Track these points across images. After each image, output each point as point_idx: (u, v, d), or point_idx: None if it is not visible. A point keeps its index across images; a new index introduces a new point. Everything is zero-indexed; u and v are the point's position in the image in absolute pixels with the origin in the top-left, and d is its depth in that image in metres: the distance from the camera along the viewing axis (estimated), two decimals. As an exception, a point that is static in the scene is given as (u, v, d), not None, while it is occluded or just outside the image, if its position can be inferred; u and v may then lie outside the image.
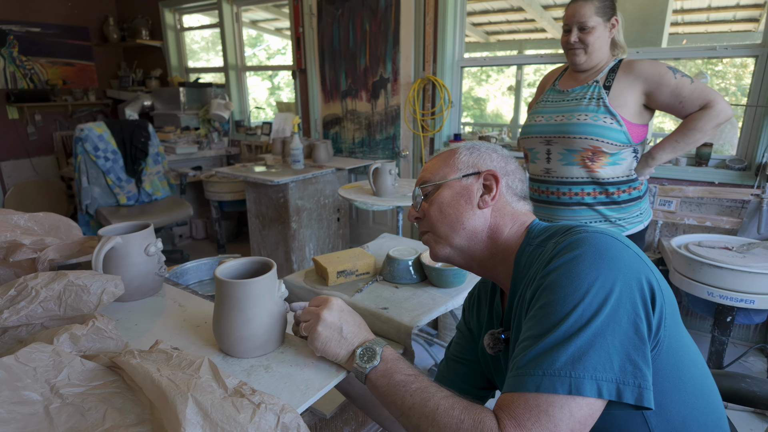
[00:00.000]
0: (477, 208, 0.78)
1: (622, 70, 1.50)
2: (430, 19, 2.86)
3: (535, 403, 0.55)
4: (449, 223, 0.79)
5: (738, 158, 2.24)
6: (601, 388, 0.55)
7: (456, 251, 0.81)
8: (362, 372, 0.68)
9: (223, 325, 0.72)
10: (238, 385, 0.61)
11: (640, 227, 1.57)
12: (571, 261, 0.61)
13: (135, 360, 0.62)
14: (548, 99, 1.61)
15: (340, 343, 0.71)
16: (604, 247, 0.61)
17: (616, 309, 0.57)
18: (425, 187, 0.83)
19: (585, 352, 0.55)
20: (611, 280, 0.58)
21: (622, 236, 0.65)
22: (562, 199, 1.55)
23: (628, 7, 2.88)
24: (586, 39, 1.47)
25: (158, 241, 0.94)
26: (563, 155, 1.53)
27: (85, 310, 0.78)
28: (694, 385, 0.64)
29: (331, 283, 1.44)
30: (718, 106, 1.41)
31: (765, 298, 1.79)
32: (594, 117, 1.46)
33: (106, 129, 3.17)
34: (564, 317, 0.58)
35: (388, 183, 2.03)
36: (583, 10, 1.45)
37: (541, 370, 0.56)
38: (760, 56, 2.11)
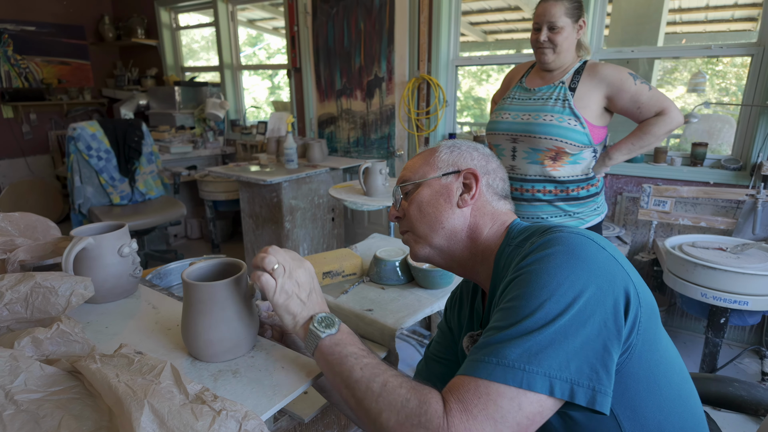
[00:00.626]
0: (456, 207, 0.77)
1: (586, 73, 1.54)
2: (424, 18, 2.84)
3: (485, 391, 0.54)
4: (428, 222, 0.78)
5: (733, 158, 2.22)
6: (554, 386, 0.53)
7: (436, 251, 0.79)
8: (318, 336, 0.65)
9: (191, 329, 0.70)
10: (200, 391, 0.59)
11: (597, 219, 1.64)
12: (544, 258, 0.60)
13: (95, 365, 0.60)
14: (515, 96, 1.65)
15: (303, 305, 0.68)
16: (578, 247, 0.60)
17: (583, 310, 0.56)
18: (405, 186, 0.81)
19: (543, 349, 0.54)
20: (582, 281, 0.57)
21: (601, 238, 0.64)
22: (525, 195, 1.61)
23: (623, 6, 2.86)
24: (555, 39, 1.51)
25: (133, 242, 0.93)
26: (528, 153, 1.58)
27: (53, 312, 0.77)
28: (670, 390, 0.63)
29: (317, 284, 1.42)
30: (671, 114, 1.49)
31: (759, 299, 1.77)
32: (559, 118, 1.51)
33: (99, 128, 3.15)
34: (530, 313, 0.57)
35: (378, 183, 2.02)
36: (553, 10, 1.49)
37: (495, 359, 0.55)
38: (756, 55, 2.09)
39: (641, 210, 2.31)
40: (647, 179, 2.36)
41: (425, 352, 0.97)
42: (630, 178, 2.42)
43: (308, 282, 0.69)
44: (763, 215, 2.06)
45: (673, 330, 2.48)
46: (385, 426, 0.57)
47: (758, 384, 0.96)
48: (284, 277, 0.67)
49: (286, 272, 0.67)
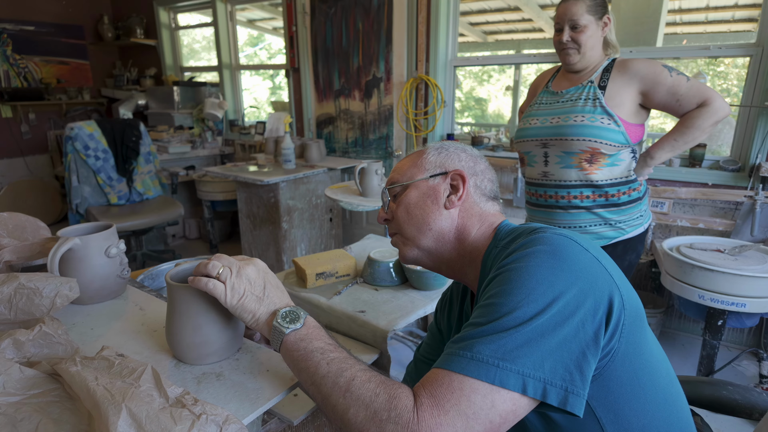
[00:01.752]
0: (444, 208, 0.76)
1: (616, 70, 1.46)
2: (422, 18, 2.83)
3: (458, 386, 0.53)
4: (416, 224, 0.77)
5: (732, 159, 2.20)
6: (527, 385, 0.53)
7: (424, 253, 0.79)
8: (282, 332, 0.63)
9: (174, 331, 0.69)
10: (180, 394, 0.58)
11: (641, 230, 1.53)
12: (525, 257, 0.59)
13: (75, 368, 0.60)
14: (542, 101, 1.57)
15: (260, 301, 0.66)
16: (560, 248, 0.59)
17: (562, 311, 0.55)
18: (393, 188, 0.81)
19: (518, 347, 0.54)
20: (562, 282, 0.56)
21: (585, 240, 0.63)
22: (561, 203, 1.52)
23: (622, 6, 2.85)
24: (578, 38, 1.44)
25: (121, 243, 0.92)
26: (561, 158, 1.49)
27: (38, 313, 0.76)
28: (655, 394, 0.62)
29: (310, 285, 1.41)
30: (715, 104, 1.38)
31: (756, 301, 1.76)
32: (591, 118, 1.43)
33: (96, 128, 3.14)
34: (508, 310, 0.56)
35: (374, 183, 2.01)
36: (575, 8, 1.42)
37: (470, 353, 0.55)
38: (755, 56, 2.08)
39: (639, 211, 2.29)
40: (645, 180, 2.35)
41: (415, 353, 0.96)
42: (628, 179, 2.40)
43: (261, 277, 0.68)
44: (761, 217, 2.05)
45: (670, 332, 2.47)
46: (353, 422, 0.55)
47: (752, 388, 0.95)
48: (232, 278, 0.65)
49: (233, 273, 0.65)
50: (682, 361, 2.23)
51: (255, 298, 0.66)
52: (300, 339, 0.63)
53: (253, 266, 0.68)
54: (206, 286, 0.64)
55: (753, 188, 2.08)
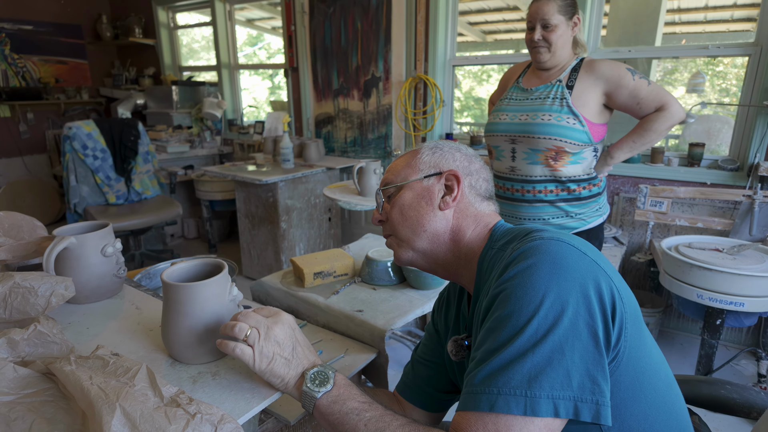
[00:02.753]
0: (438, 209, 0.75)
1: (584, 70, 1.51)
2: (421, 18, 2.83)
3: (493, 426, 0.53)
4: (410, 225, 0.76)
5: (730, 159, 2.20)
6: (558, 407, 0.52)
7: (419, 254, 0.78)
8: (313, 396, 0.63)
9: (170, 331, 0.69)
10: (175, 393, 0.58)
11: (600, 220, 1.61)
12: (526, 271, 0.58)
13: (69, 367, 0.59)
14: (512, 97, 1.62)
15: (289, 364, 0.64)
16: (559, 256, 0.58)
17: (575, 321, 0.54)
18: (387, 189, 0.80)
19: (542, 370, 0.53)
20: (567, 291, 0.55)
21: (580, 241, 0.62)
22: (526, 197, 1.58)
23: (621, 6, 2.85)
24: (549, 37, 1.48)
25: (117, 242, 0.91)
26: (528, 154, 1.55)
27: (33, 313, 0.76)
28: (655, 397, 0.61)
29: (308, 285, 1.41)
30: (672, 108, 1.45)
31: (755, 300, 1.75)
32: (558, 117, 1.48)
33: (95, 127, 3.14)
34: (519, 331, 0.55)
35: (372, 183, 2.01)
36: (546, 8, 1.47)
37: (496, 389, 0.54)
38: (753, 55, 2.08)
39: (638, 211, 2.30)
40: (644, 180, 2.35)
41: (412, 354, 0.96)
42: (627, 178, 2.40)
43: (289, 337, 0.66)
44: (760, 216, 2.05)
45: (669, 331, 2.47)
46: None
47: (750, 387, 0.95)
48: (261, 341, 0.63)
49: (261, 335, 0.64)
50: (681, 361, 2.23)
51: (284, 361, 0.64)
52: (333, 402, 0.63)
53: (282, 324, 0.66)
54: (233, 351, 0.63)
55: (751, 187, 2.08)
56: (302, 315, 1.38)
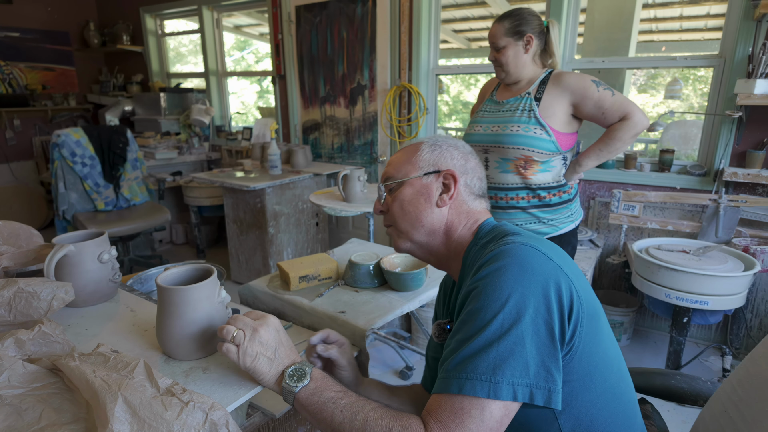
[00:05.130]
0: (435, 206, 0.82)
1: (551, 82, 1.61)
2: (405, 28, 2.92)
3: (459, 406, 0.60)
4: (409, 220, 0.83)
5: (698, 164, 2.32)
6: (516, 392, 0.60)
7: (416, 245, 0.85)
8: (292, 391, 0.69)
9: (164, 330, 0.76)
10: (170, 385, 0.64)
11: (572, 226, 1.69)
12: (496, 272, 0.65)
13: (74, 362, 0.66)
14: (486, 109, 1.72)
15: (271, 363, 0.70)
16: (525, 259, 0.65)
17: (535, 318, 0.62)
18: (389, 184, 0.85)
19: (505, 359, 0.61)
20: (530, 291, 0.63)
21: (549, 245, 0.70)
22: (500, 204, 1.67)
23: (596, 17, 2.97)
24: (499, 58, 1.60)
25: (112, 249, 0.98)
26: (499, 163, 1.64)
27: (35, 315, 0.82)
28: (604, 388, 0.69)
29: (293, 288, 1.48)
30: (635, 117, 1.54)
31: (718, 299, 1.86)
32: (525, 128, 1.57)
33: (83, 135, 3.17)
34: (486, 324, 0.63)
35: (357, 189, 2.08)
36: (494, 31, 1.58)
37: (464, 374, 0.61)
38: (717, 67, 2.20)
39: (612, 214, 2.40)
40: (618, 185, 2.46)
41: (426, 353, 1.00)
42: (602, 183, 2.51)
43: (274, 338, 0.72)
44: (725, 219, 2.16)
45: (643, 330, 2.57)
46: None
47: (698, 377, 1.04)
48: (246, 341, 0.70)
49: (246, 336, 0.70)
50: (654, 357, 2.33)
51: (267, 360, 0.70)
52: (311, 393, 0.69)
53: (267, 327, 0.72)
54: (221, 349, 0.70)
55: (717, 192, 2.20)
56: (288, 317, 1.44)
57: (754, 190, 2.15)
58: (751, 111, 2.10)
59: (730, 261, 1.97)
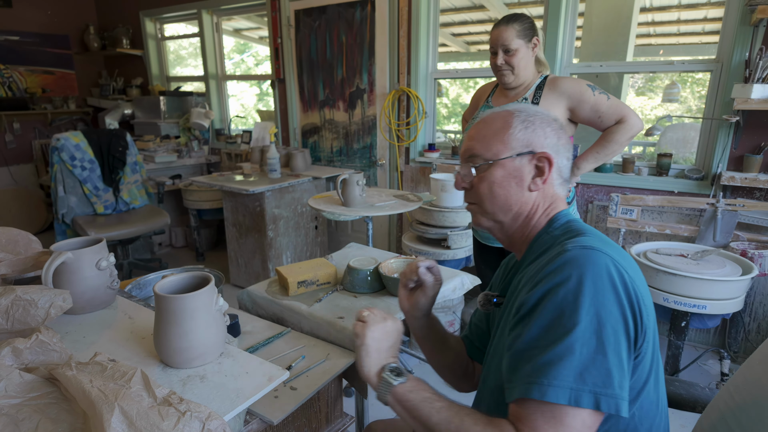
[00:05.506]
0: (527, 190, 0.78)
1: (548, 87, 1.62)
2: (403, 33, 2.92)
3: (550, 414, 0.61)
4: (498, 203, 0.79)
5: (696, 168, 2.32)
6: (599, 401, 0.60)
7: (498, 225, 0.83)
8: (390, 383, 0.73)
9: (162, 338, 0.76)
10: (167, 394, 0.65)
11: None
12: (574, 279, 0.64)
13: (71, 372, 0.66)
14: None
15: (379, 354, 0.77)
16: (604, 269, 0.64)
17: (616, 329, 0.62)
18: (475, 161, 0.81)
19: (586, 368, 0.61)
20: (610, 301, 0.63)
21: (621, 253, 0.68)
22: None
23: (594, 21, 2.98)
24: (511, 61, 1.60)
25: (110, 256, 0.98)
26: None
27: (33, 323, 0.82)
28: (650, 400, 0.71)
29: (292, 293, 1.48)
30: (630, 121, 1.56)
31: (716, 303, 1.87)
32: None
33: (83, 139, 3.18)
34: (567, 331, 0.62)
35: (355, 193, 2.08)
36: (506, 34, 1.57)
37: (546, 380, 0.61)
38: (714, 71, 2.21)
39: (610, 218, 2.41)
40: (616, 188, 2.46)
41: (471, 319, 1.03)
42: (600, 187, 2.52)
43: (393, 336, 0.80)
44: (722, 223, 2.17)
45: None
46: None
47: (696, 384, 1.04)
48: (373, 323, 0.79)
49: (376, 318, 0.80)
50: (653, 361, 2.33)
51: (376, 350, 0.77)
52: (408, 391, 0.72)
53: (394, 322, 0.81)
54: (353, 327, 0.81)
55: (714, 196, 2.20)
56: (287, 322, 1.44)
57: (752, 194, 2.15)
58: (749, 115, 2.10)
59: (728, 265, 1.97)
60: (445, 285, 1.57)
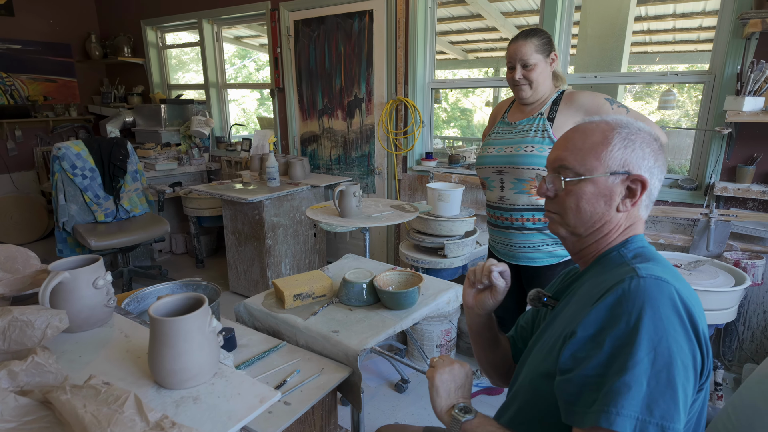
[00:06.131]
0: (615, 210, 0.77)
1: (564, 102, 1.60)
2: (401, 43, 2.95)
3: None
4: (582, 218, 0.78)
5: (689, 178, 2.34)
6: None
7: (574, 237, 0.82)
8: (459, 420, 0.79)
9: (156, 359, 0.78)
10: (159, 418, 0.66)
11: None
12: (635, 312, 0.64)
13: (65, 396, 0.68)
14: (498, 131, 1.71)
15: (449, 394, 0.84)
16: (678, 303, 0.65)
17: (686, 364, 0.63)
18: (567, 176, 0.79)
19: (655, 400, 0.61)
20: (682, 338, 0.64)
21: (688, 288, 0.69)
22: (515, 225, 1.64)
23: (589, 31, 3.00)
24: (529, 75, 1.57)
25: (108, 274, 1.00)
26: (515, 184, 1.62)
27: (30, 344, 0.84)
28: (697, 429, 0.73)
29: (288, 306, 1.50)
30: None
31: (709, 314, 1.88)
32: (540, 148, 1.56)
33: (84, 147, 3.21)
34: (638, 361, 0.62)
35: (352, 204, 2.10)
36: (524, 49, 1.55)
37: (615, 409, 0.62)
38: (707, 83, 2.23)
39: (605, 228, 2.42)
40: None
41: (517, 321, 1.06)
42: (596, 196, 2.53)
43: (461, 378, 0.86)
44: (716, 233, 2.18)
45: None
46: None
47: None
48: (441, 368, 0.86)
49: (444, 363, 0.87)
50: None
51: (446, 390, 0.84)
52: (476, 426, 0.78)
53: (461, 367, 0.87)
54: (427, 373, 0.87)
55: (708, 206, 2.22)
56: (283, 335, 1.46)
57: (745, 204, 2.17)
58: (741, 127, 2.12)
59: (721, 275, 1.98)
60: (440, 297, 1.59)
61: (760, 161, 2.12)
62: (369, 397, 2.20)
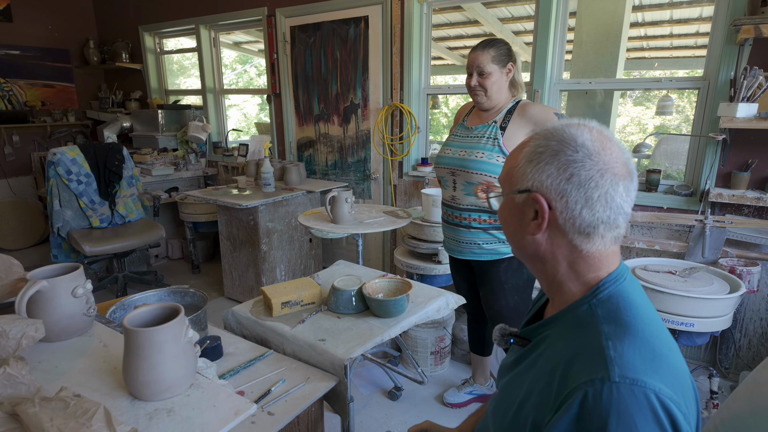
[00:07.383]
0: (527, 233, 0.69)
1: (517, 113, 1.69)
2: (396, 49, 2.95)
3: None
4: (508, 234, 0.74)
5: (684, 185, 2.33)
6: None
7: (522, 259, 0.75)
8: None
9: (130, 370, 0.77)
10: None
11: None
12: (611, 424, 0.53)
13: (33, 409, 0.67)
14: (457, 133, 1.82)
15: None
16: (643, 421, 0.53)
17: None
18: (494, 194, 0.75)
19: None
20: None
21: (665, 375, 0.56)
22: (463, 223, 1.77)
23: (584, 37, 3.00)
24: (484, 83, 1.68)
25: (87, 283, 0.99)
26: (464, 186, 1.73)
27: (4, 354, 0.83)
28: None
29: (276, 314, 1.48)
30: None
31: (704, 321, 1.86)
32: (489, 155, 1.67)
33: (79, 153, 3.21)
34: None
35: (344, 211, 2.09)
36: (481, 58, 1.66)
37: None
38: (702, 89, 2.22)
39: (600, 234, 2.40)
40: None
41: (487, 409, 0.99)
42: (591, 202, 2.52)
43: None
44: (711, 239, 2.17)
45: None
46: None
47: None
48: None
49: None
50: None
51: None
52: None
53: None
54: None
55: (703, 212, 2.20)
56: (270, 344, 1.45)
57: (740, 210, 2.16)
58: (735, 133, 2.11)
59: (716, 282, 1.97)
60: (430, 305, 1.57)
61: (755, 167, 2.10)
62: (362, 405, 2.18)
